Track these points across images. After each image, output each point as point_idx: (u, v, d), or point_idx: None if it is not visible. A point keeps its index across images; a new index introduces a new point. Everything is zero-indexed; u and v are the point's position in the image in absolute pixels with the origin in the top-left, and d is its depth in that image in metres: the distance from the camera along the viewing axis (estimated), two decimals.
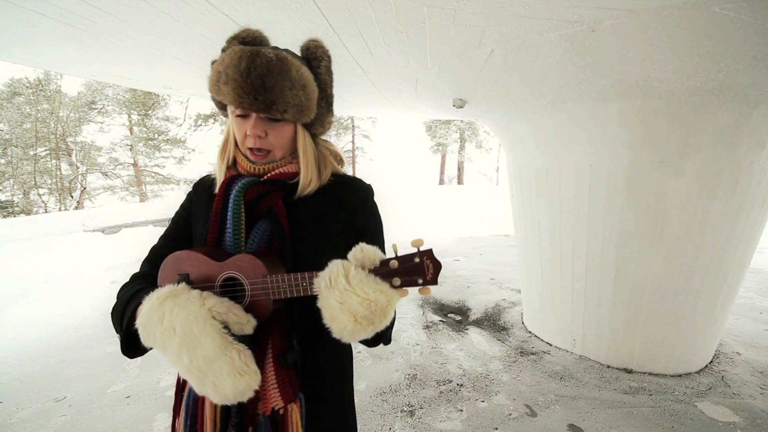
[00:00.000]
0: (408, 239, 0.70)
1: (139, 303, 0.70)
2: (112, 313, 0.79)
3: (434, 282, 0.65)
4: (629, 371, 2.80)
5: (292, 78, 0.74)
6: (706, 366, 2.89)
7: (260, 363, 0.73)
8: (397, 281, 0.66)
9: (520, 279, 3.71)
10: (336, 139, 24.23)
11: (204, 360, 0.61)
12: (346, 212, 0.85)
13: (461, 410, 2.37)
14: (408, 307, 4.06)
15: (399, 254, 0.68)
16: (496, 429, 2.20)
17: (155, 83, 3.02)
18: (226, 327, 0.66)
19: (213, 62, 0.79)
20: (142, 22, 1.64)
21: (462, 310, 4.01)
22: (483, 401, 2.46)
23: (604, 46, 1.61)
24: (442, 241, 7.85)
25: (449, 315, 3.89)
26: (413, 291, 4.52)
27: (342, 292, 0.64)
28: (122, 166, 18.83)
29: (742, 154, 2.35)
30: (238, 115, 0.78)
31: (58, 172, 16.91)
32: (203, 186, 0.91)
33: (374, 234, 0.89)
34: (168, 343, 0.62)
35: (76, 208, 16.52)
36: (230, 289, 0.73)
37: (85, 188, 17.65)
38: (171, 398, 2.41)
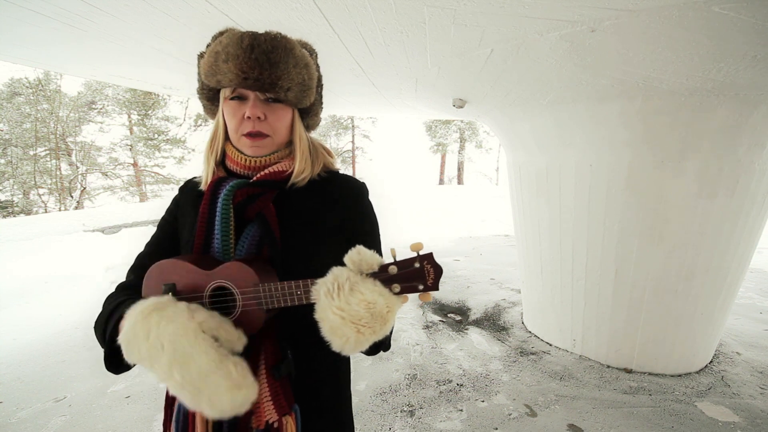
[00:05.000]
0: (408, 240, 0.68)
1: (121, 317, 0.65)
2: (95, 326, 0.74)
3: (435, 288, 0.62)
4: (629, 371, 2.80)
5: (296, 55, 0.72)
6: (706, 366, 2.89)
7: (253, 374, 0.70)
8: (396, 288, 0.62)
9: (520, 279, 3.71)
10: (336, 139, 24.27)
11: (198, 376, 0.57)
12: (339, 212, 0.81)
13: (461, 410, 2.37)
14: (408, 307, 4.06)
15: (398, 259, 0.63)
16: (496, 429, 2.20)
17: (155, 83, 3.02)
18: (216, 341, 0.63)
19: (201, 54, 0.76)
20: (142, 22, 1.64)
21: (462, 310, 4.01)
22: (483, 401, 2.46)
23: (604, 46, 1.61)
24: (442, 241, 7.85)
25: (449, 315, 3.89)
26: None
27: (342, 300, 0.61)
28: (122, 166, 18.83)
29: (742, 154, 2.35)
30: (233, 98, 0.74)
31: (58, 172, 16.91)
32: (190, 189, 0.85)
33: (370, 235, 0.84)
34: (156, 359, 0.58)
35: (76, 208, 16.52)
36: (220, 300, 0.70)
37: (85, 188, 17.65)
38: None
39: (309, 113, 0.82)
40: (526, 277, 3.51)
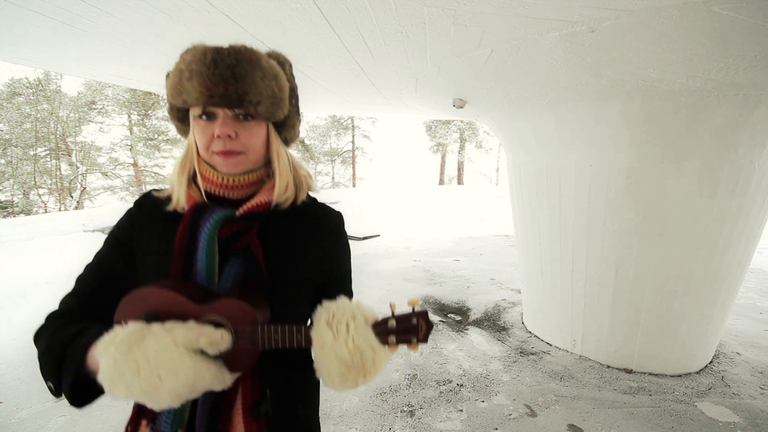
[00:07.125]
0: (407, 242, 0.69)
1: (86, 349, 0.63)
2: (41, 359, 0.67)
3: (425, 341, 0.70)
4: (629, 371, 2.80)
5: (263, 67, 0.69)
6: (706, 366, 2.89)
7: (228, 414, 0.69)
8: (392, 339, 0.68)
9: (520, 279, 3.71)
10: (336, 139, 24.27)
11: (205, 388, 0.63)
12: (321, 244, 0.81)
13: (461, 410, 2.37)
14: (408, 307, 4.06)
15: (396, 314, 0.70)
16: (496, 429, 2.20)
17: (155, 84, 3.02)
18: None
19: (168, 74, 0.75)
20: (142, 22, 1.64)
21: (462, 310, 4.01)
22: (483, 401, 2.46)
23: (604, 46, 1.61)
24: (442, 241, 7.85)
25: (449, 315, 3.89)
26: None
27: (338, 335, 0.66)
28: (122, 166, 18.84)
29: (742, 154, 2.35)
30: (201, 116, 0.71)
31: (58, 172, 16.92)
32: (151, 206, 0.79)
33: (345, 265, 0.88)
34: (155, 392, 0.59)
35: (76, 208, 16.53)
36: None
37: (85, 188, 17.66)
38: None
39: (285, 126, 0.78)
40: (526, 277, 3.51)
